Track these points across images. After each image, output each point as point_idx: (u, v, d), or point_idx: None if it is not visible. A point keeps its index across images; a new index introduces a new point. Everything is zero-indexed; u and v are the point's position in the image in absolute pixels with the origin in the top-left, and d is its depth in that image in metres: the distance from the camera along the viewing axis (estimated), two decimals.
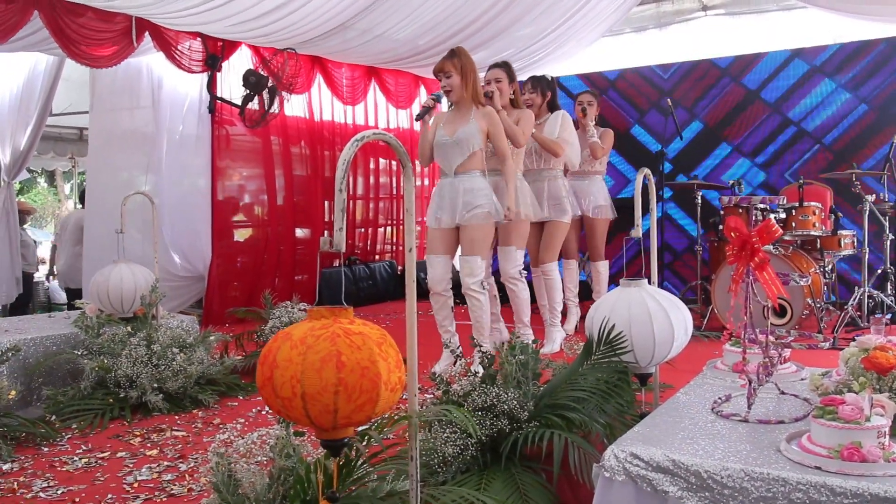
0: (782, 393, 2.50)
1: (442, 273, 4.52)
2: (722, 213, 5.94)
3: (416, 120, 4.81)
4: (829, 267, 6.03)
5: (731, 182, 6.51)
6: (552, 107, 5.53)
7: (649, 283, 3.07)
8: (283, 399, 1.68)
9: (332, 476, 1.96)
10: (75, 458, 3.37)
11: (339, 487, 1.97)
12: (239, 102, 6.82)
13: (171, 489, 2.98)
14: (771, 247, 5.44)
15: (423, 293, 8.03)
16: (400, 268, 8.74)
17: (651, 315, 2.83)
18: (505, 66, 5.16)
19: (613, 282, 5.77)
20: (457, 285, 4.53)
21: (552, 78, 5.79)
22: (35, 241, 8.57)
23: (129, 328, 4.35)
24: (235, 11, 6.02)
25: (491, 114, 4.56)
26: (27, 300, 7.68)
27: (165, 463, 3.29)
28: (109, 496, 2.93)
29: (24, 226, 8.23)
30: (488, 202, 4.44)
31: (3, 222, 6.78)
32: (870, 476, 1.77)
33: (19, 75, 6.63)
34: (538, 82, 5.57)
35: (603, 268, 5.99)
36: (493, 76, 5.01)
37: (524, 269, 4.80)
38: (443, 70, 4.54)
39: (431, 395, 3.69)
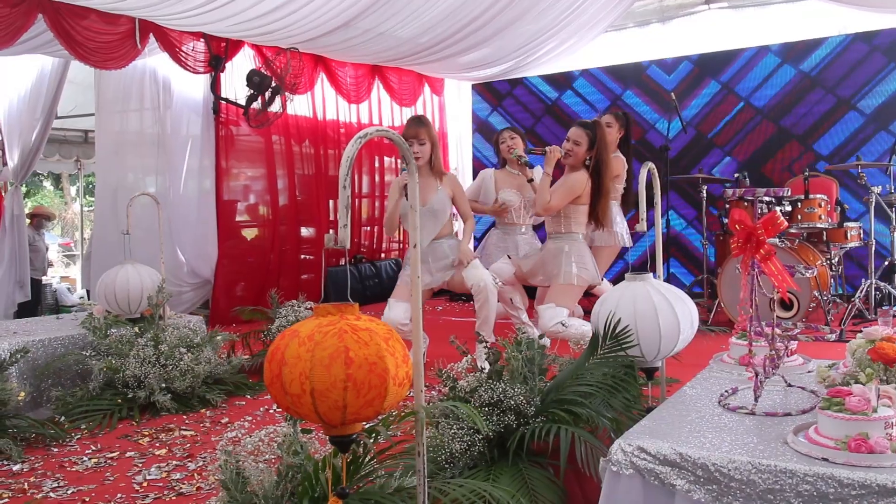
0: (789, 385, 2.49)
1: (401, 315, 4.54)
2: (727, 206, 5.93)
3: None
4: (836, 259, 6.01)
5: (736, 175, 6.50)
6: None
7: (655, 276, 3.07)
8: (292, 396, 1.68)
9: (339, 473, 1.97)
10: (85, 459, 3.39)
11: (347, 484, 1.98)
12: (243, 102, 6.84)
13: (180, 488, 3.00)
14: (777, 239, 5.43)
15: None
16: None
17: (657, 309, 2.82)
18: (585, 126, 4.74)
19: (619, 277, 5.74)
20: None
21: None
22: (47, 247, 8.58)
23: (136, 329, 4.37)
24: (237, 11, 6.03)
25: (453, 179, 4.86)
26: (36, 305, 7.70)
27: (174, 462, 3.31)
28: (119, 496, 2.95)
29: (42, 230, 8.25)
30: (454, 255, 4.72)
31: (13, 226, 6.79)
32: (877, 467, 1.77)
33: (27, 78, 6.65)
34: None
35: (600, 293, 5.16)
36: (572, 136, 4.68)
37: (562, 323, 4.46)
38: (417, 137, 4.60)
39: (438, 392, 3.69)
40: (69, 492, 3.01)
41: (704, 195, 6.41)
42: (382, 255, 8.76)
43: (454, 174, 4.93)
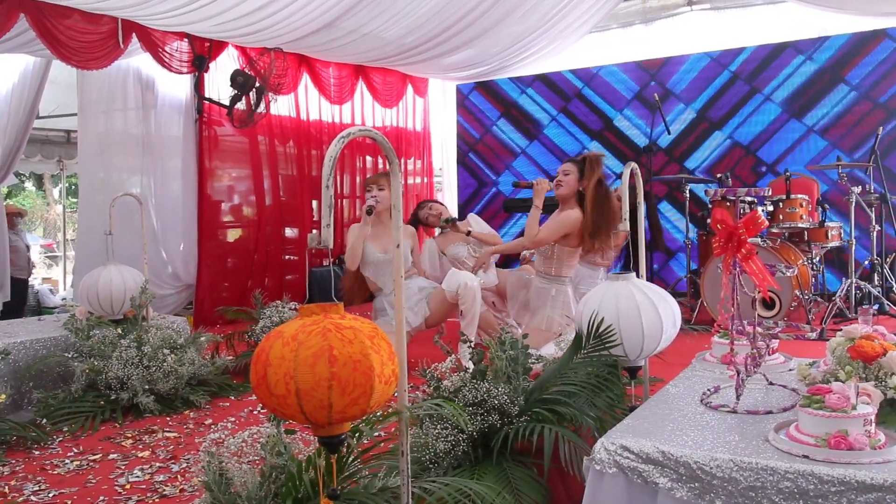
0: (770, 383, 2.51)
1: None
2: (710, 205, 5.97)
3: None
4: (817, 258, 6.06)
5: (719, 175, 6.54)
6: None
7: (637, 276, 3.09)
8: (277, 397, 1.68)
9: (323, 473, 1.97)
10: (66, 461, 3.37)
11: (330, 484, 1.98)
12: (227, 103, 6.81)
13: (164, 490, 2.98)
14: (759, 239, 5.47)
15: None
16: None
17: (640, 308, 2.84)
18: (574, 161, 4.81)
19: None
20: None
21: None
22: (28, 246, 8.50)
23: (119, 330, 4.34)
24: (221, 10, 6.01)
25: (412, 231, 5.16)
26: (21, 305, 7.63)
27: (157, 464, 3.29)
28: (102, 498, 2.93)
29: (18, 228, 8.16)
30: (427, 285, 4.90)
31: None
32: (856, 464, 1.79)
33: (8, 78, 6.59)
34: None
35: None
36: (562, 168, 4.75)
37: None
38: (377, 183, 4.73)
39: (422, 392, 3.69)
40: (51, 495, 2.98)
41: (688, 195, 6.45)
42: None
43: (412, 228, 5.25)
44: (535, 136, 8.68)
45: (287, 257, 7.71)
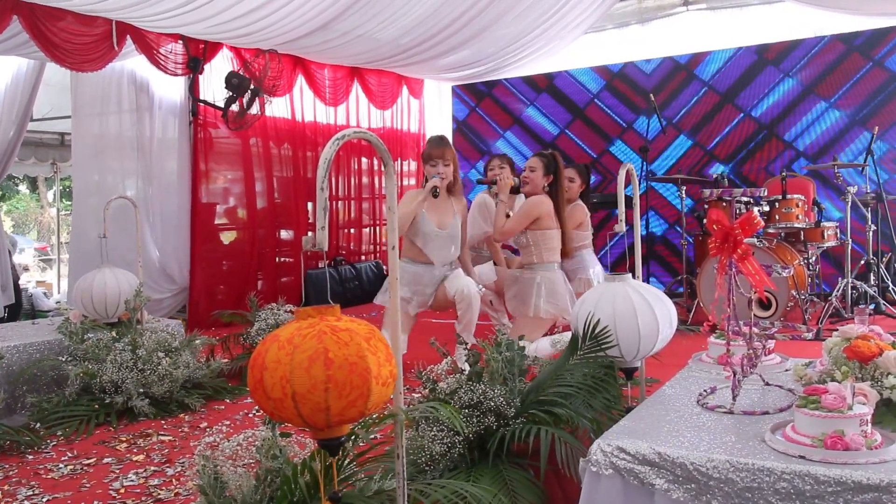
0: (767, 384, 2.51)
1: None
2: (706, 206, 5.97)
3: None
4: (813, 258, 6.07)
5: (715, 176, 6.55)
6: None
7: (633, 277, 3.08)
8: (274, 401, 1.67)
9: (318, 476, 1.96)
10: (61, 466, 3.35)
11: (328, 487, 1.97)
12: (221, 105, 6.80)
13: (159, 494, 2.96)
14: (755, 239, 5.48)
15: None
16: (386, 267, 8.73)
17: (636, 309, 2.83)
18: (541, 155, 4.94)
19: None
20: None
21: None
22: (12, 247, 8.42)
23: (113, 333, 4.32)
24: (215, 12, 5.99)
25: (463, 205, 4.83)
26: (19, 308, 7.59)
27: (152, 468, 3.27)
28: (96, 502, 2.92)
29: None
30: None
31: None
32: (853, 464, 1.79)
33: (2, 81, 6.56)
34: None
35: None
36: (528, 163, 4.86)
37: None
38: (442, 157, 4.55)
39: (419, 394, 3.69)
40: (44, 499, 2.97)
41: (683, 195, 6.45)
42: (363, 257, 8.74)
43: (464, 201, 4.87)
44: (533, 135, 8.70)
45: (282, 259, 7.69)
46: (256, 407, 3.95)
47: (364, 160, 8.75)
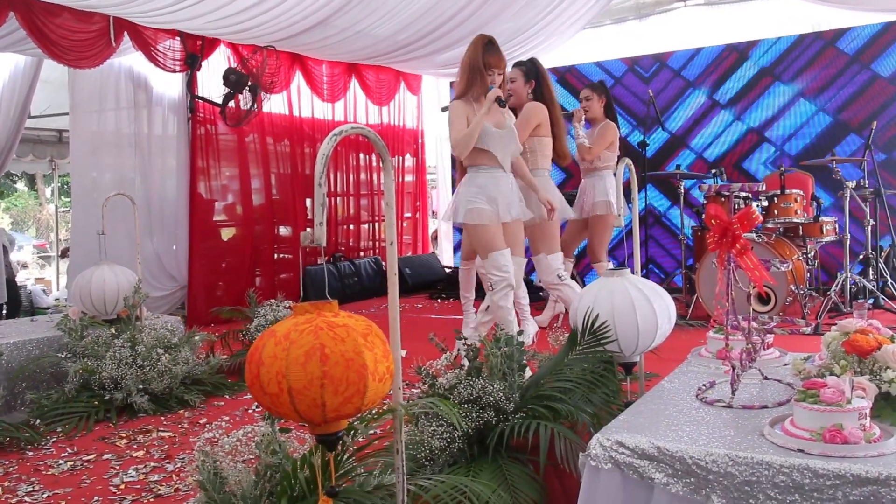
0: (765, 378, 2.51)
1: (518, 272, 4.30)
2: (704, 201, 5.97)
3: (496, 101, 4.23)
4: (812, 253, 6.07)
5: (713, 171, 6.55)
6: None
7: (632, 272, 3.08)
8: (270, 396, 1.67)
9: (318, 471, 1.96)
10: (60, 462, 3.35)
11: (326, 481, 1.97)
12: (219, 101, 6.79)
13: (158, 490, 2.97)
14: (754, 234, 5.48)
15: (406, 289, 8.04)
16: (385, 264, 8.73)
17: (634, 304, 2.84)
18: (519, 63, 4.93)
19: None
20: None
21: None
22: (9, 245, 8.43)
23: (112, 330, 4.32)
24: (213, 8, 5.98)
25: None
26: (18, 306, 7.59)
27: (152, 464, 3.28)
28: (96, 499, 2.92)
29: None
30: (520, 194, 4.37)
31: None
32: (851, 457, 1.79)
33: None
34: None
35: (601, 270, 5.60)
36: (508, 76, 4.63)
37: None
38: (499, 67, 4.21)
39: (418, 390, 3.69)
40: (45, 496, 2.97)
41: (682, 191, 6.44)
42: (361, 253, 8.73)
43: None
44: None
45: (281, 256, 7.69)
46: (256, 403, 3.96)
47: (362, 156, 8.74)
